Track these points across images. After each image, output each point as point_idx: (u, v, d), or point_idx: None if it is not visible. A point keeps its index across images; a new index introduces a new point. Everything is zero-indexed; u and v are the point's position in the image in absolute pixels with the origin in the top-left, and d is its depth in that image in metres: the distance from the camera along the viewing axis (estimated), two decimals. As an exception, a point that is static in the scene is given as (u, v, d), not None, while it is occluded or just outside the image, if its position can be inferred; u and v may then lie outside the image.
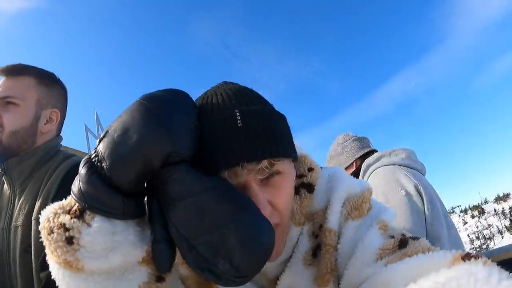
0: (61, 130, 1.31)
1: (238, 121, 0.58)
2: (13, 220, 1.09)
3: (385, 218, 0.70)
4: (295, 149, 0.69)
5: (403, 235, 0.64)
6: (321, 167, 0.82)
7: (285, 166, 0.64)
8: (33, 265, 1.02)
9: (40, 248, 1.02)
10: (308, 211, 0.74)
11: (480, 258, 0.44)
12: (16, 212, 1.09)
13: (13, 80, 1.16)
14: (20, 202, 1.11)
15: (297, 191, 0.73)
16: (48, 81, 1.25)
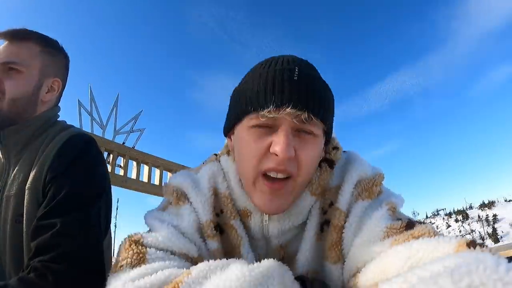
0: (59, 100, 1.27)
1: (295, 75, 0.68)
2: (6, 190, 1.06)
3: (394, 201, 0.73)
4: (331, 127, 0.78)
5: (409, 219, 0.68)
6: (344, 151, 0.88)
7: (319, 132, 0.72)
8: (24, 235, 1.00)
9: (32, 217, 0.99)
10: (325, 184, 0.79)
11: (486, 247, 0.45)
12: (10, 181, 1.07)
13: (17, 45, 1.11)
14: (14, 172, 1.08)
15: (319, 164, 0.80)
16: (52, 48, 1.20)
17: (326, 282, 0.73)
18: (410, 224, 0.64)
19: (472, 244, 0.47)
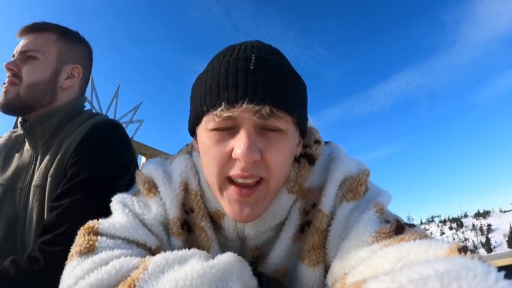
0: (85, 90, 1.30)
1: (251, 64, 0.61)
2: (34, 180, 1.08)
3: (382, 201, 0.70)
4: (304, 117, 0.71)
5: (398, 220, 0.65)
6: (325, 143, 0.83)
7: (288, 125, 0.65)
8: None
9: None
10: (303, 183, 0.75)
11: (476, 254, 0.45)
12: (37, 172, 1.09)
13: (34, 35, 1.15)
14: (41, 162, 1.10)
15: (298, 159, 0.74)
16: (70, 37, 1.23)
17: (297, 282, 0.72)
18: (399, 228, 0.61)
19: (463, 249, 0.46)
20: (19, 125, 1.17)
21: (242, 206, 0.66)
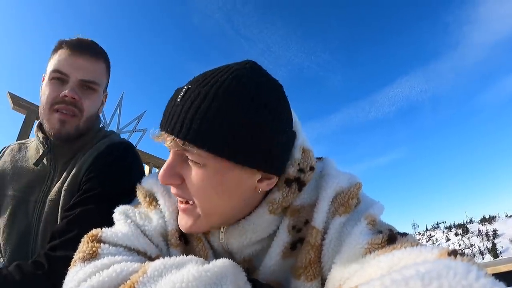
0: None
1: (179, 97, 0.64)
2: (50, 194, 1.10)
3: (373, 213, 0.71)
4: (249, 155, 0.64)
5: (390, 230, 0.66)
6: (317, 159, 0.84)
7: (205, 160, 0.63)
8: None
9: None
10: (290, 203, 0.76)
11: (464, 256, 0.45)
12: (53, 187, 1.11)
13: (94, 63, 1.15)
14: (58, 179, 1.12)
15: (290, 183, 0.73)
16: (109, 63, 1.24)
17: None
18: (391, 237, 0.62)
19: (453, 253, 0.47)
20: (40, 140, 1.15)
21: (182, 217, 0.73)
